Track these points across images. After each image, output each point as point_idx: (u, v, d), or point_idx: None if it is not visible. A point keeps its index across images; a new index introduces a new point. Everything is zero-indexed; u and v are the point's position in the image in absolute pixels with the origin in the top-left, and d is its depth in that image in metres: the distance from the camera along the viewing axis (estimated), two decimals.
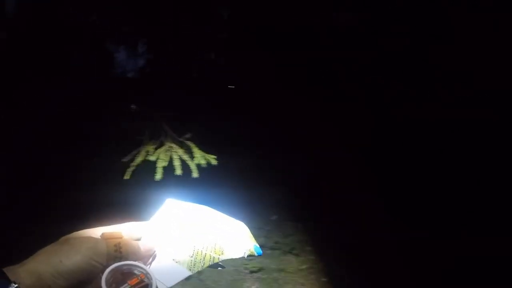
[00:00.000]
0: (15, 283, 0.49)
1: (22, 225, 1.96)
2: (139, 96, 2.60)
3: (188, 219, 0.62)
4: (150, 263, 0.59)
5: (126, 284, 0.54)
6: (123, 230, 0.59)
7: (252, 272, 1.93)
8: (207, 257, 0.58)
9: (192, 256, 0.58)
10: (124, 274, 0.55)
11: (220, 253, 0.59)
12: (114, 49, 2.78)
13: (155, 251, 0.59)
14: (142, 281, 0.54)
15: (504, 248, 1.94)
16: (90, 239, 0.56)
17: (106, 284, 0.52)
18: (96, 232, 0.58)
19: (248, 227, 0.65)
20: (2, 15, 2.49)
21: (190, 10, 2.62)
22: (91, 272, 0.53)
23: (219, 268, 0.60)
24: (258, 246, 0.63)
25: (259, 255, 0.63)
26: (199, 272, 0.58)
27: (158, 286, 0.54)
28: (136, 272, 0.55)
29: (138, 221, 0.62)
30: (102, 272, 0.53)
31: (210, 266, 0.59)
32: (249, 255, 0.62)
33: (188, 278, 0.57)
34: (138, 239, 0.59)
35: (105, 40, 2.73)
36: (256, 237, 0.65)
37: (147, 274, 0.55)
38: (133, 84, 2.88)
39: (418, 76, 2.89)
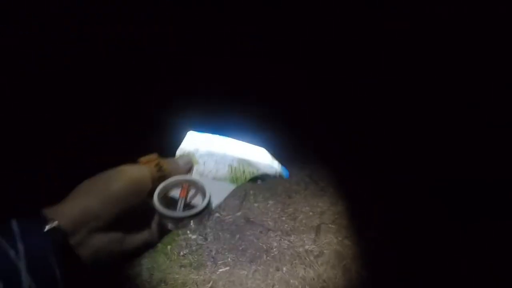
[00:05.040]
0: (53, 221, 0.45)
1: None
2: None
3: (214, 147, 0.62)
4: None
5: (178, 197, 0.54)
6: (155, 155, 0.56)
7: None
8: (247, 172, 0.59)
9: (231, 173, 0.59)
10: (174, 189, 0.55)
11: (256, 169, 0.60)
12: None
13: (192, 164, 0.59)
14: (192, 189, 0.55)
15: None
16: (130, 166, 0.53)
17: (158, 202, 0.52)
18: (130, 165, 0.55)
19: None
20: None
21: None
22: (139, 195, 0.51)
23: (259, 182, 0.60)
24: (285, 167, 0.64)
25: (286, 177, 0.63)
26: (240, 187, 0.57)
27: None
28: (185, 184, 0.55)
29: (163, 157, 0.59)
30: (152, 193, 0.52)
31: (251, 180, 0.59)
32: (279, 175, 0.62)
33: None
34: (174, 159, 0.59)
35: None
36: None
37: (196, 184, 0.55)
38: None
39: None
